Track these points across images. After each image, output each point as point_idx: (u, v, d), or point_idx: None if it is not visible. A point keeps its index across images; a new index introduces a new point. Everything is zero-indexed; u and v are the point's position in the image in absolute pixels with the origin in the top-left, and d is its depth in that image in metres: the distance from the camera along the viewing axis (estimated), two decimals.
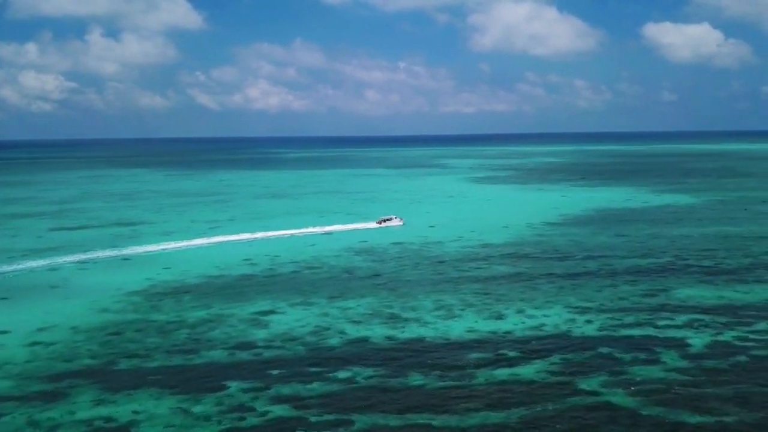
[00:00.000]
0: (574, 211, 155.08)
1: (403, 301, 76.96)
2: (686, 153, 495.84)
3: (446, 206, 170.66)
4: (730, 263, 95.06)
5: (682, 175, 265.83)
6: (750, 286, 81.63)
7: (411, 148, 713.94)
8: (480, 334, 64.58)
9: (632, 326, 66.06)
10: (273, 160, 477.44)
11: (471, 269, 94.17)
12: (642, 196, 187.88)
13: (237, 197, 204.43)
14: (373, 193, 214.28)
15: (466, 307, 74.05)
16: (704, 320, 67.56)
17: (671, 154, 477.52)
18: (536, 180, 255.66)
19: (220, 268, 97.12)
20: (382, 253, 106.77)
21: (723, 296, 76.97)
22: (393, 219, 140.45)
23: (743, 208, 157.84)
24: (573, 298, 77.31)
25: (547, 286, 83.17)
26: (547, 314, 70.78)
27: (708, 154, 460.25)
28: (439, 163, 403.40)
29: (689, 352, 58.08)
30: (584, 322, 67.90)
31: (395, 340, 63.04)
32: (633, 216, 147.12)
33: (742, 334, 63.01)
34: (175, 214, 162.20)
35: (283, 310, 74.25)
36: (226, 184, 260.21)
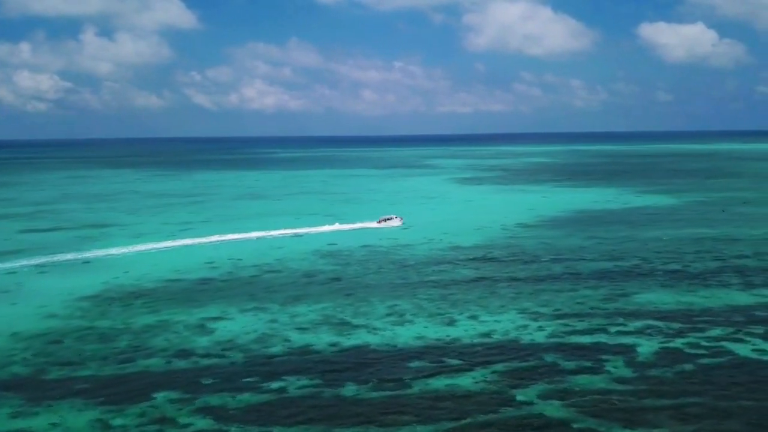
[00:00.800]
0: (552, 213, 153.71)
1: (357, 306, 75.43)
2: (677, 153, 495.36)
3: (424, 208, 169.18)
4: (696, 267, 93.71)
5: (668, 176, 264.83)
6: (712, 290, 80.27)
7: (405, 148, 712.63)
8: (427, 341, 63.07)
9: (583, 333, 64.63)
10: (263, 161, 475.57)
11: (434, 273, 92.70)
12: (623, 197, 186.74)
13: (216, 198, 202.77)
14: (354, 194, 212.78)
15: (419, 312, 72.56)
16: (658, 327, 66.15)
17: (662, 154, 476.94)
18: (521, 181, 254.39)
19: (180, 271, 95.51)
20: (348, 256, 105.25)
21: (682, 301, 75.59)
22: (393, 219, 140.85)
23: (721, 209, 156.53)
24: (530, 303, 75.86)
25: (506, 291, 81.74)
26: (499, 320, 69.33)
27: (698, 155, 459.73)
28: (428, 163, 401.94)
29: (635, 361, 56.63)
30: (536, 328, 66.45)
31: (338, 348, 61.51)
32: (610, 218, 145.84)
33: (693, 341, 61.60)
34: (149, 216, 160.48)
35: (233, 316, 72.69)
36: (209, 184, 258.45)
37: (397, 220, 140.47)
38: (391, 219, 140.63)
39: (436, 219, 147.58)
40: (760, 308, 72.18)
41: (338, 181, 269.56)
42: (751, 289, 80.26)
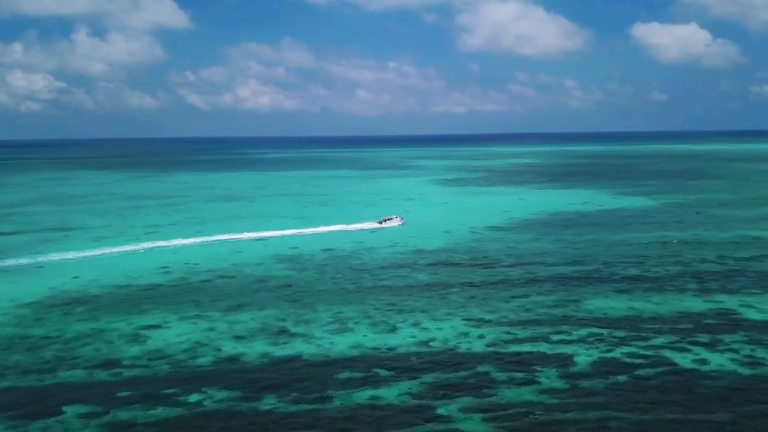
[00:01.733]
0: (525, 216, 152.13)
1: (300, 314, 73.66)
2: (666, 153, 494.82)
3: (399, 210, 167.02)
4: (656, 271, 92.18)
5: (651, 177, 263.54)
6: (666, 296, 78.71)
7: (397, 149, 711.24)
8: (362, 351, 61.35)
9: (524, 342, 63.00)
10: (249, 161, 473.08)
11: (390, 278, 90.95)
12: (600, 199, 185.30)
13: (191, 200, 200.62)
14: (331, 196, 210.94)
15: (362, 320, 70.83)
16: (602, 335, 64.56)
17: (650, 155, 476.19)
18: (502, 182, 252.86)
19: (132, 277, 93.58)
20: (307, 261, 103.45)
21: (633, 308, 73.99)
22: (393, 219, 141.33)
23: (696, 211, 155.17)
24: (478, 309, 74.23)
25: (457, 296, 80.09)
26: (442, 328, 67.67)
27: (686, 155, 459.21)
28: (415, 164, 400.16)
29: (569, 372, 54.99)
30: (477, 336, 64.80)
31: (268, 359, 59.72)
32: (582, 220, 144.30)
33: (634, 350, 59.99)
34: (117, 219, 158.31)
35: (171, 324, 70.85)
36: (188, 186, 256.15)
37: (397, 220, 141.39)
38: (391, 219, 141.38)
39: (406, 221, 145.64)
40: (710, 315, 70.65)
41: (319, 182, 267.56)
42: (705, 295, 78.74)
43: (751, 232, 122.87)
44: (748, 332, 64.34)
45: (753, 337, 62.74)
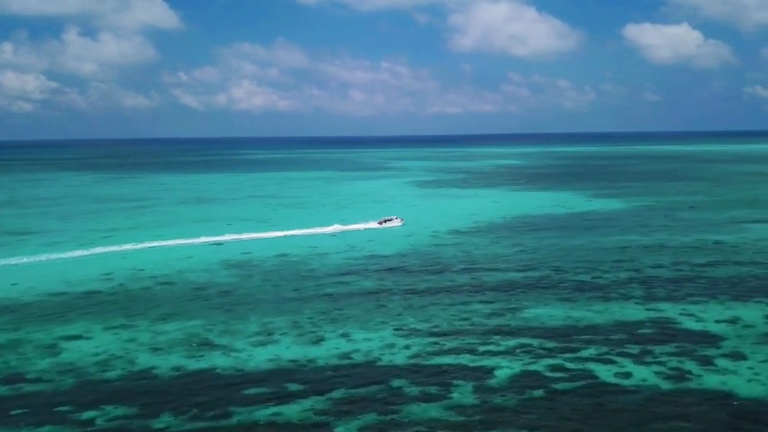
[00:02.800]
0: (491, 218, 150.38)
1: (229, 324, 71.58)
2: (653, 154, 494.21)
3: (366, 213, 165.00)
4: (606, 278, 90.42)
5: (631, 179, 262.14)
6: (608, 304, 76.90)
7: (387, 149, 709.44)
8: (279, 363, 59.32)
9: (449, 353, 61.08)
10: (234, 162, 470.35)
11: (334, 285, 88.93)
12: (572, 202, 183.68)
13: (160, 203, 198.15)
14: (304, 198, 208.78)
15: (291, 331, 68.79)
16: (531, 346, 62.70)
17: (637, 156, 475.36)
18: (479, 184, 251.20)
19: (71, 284, 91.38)
20: (255, 267, 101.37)
21: (572, 316, 72.17)
22: (394, 219, 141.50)
23: (664, 215, 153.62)
24: (413, 318, 72.31)
25: (396, 304, 78.16)
26: (369, 338, 65.70)
27: (672, 156, 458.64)
28: (398, 165, 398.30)
29: (485, 386, 53.11)
30: (402, 347, 62.87)
31: (180, 372, 57.65)
32: (546, 224, 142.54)
33: (559, 362, 58.12)
34: (78, 222, 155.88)
35: (93, 334, 68.69)
36: (164, 188, 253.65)
37: (398, 220, 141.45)
38: (391, 220, 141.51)
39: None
40: (648, 324, 68.88)
41: (297, 183, 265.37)
42: (648, 303, 76.97)
43: (713, 236, 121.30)
44: (681, 343, 62.59)
45: (684, 349, 60.96)
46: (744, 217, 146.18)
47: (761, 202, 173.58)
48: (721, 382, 53.27)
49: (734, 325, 67.95)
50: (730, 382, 53.09)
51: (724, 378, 53.98)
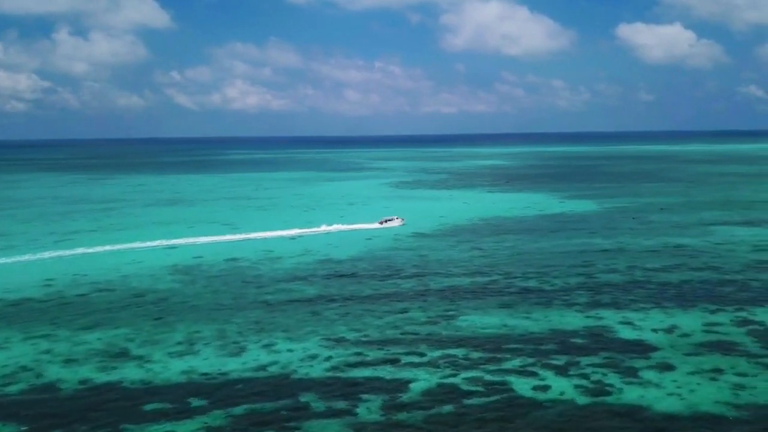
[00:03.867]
0: (457, 221, 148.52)
1: (154, 333, 69.50)
2: (639, 154, 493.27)
3: (334, 215, 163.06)
4: (555, 283, 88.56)
5: (610, 180, 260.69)
6: (549, 311, 75.02)
7: (376, 149, 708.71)
8: (191, 376, 57.23)
9: (370, 365, 59.10)
10: (219, 162, 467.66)
11: (276, 291, 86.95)
12: (544, 203, 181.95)
13: (130, 204, 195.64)
14: (276, 199, 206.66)
15: (215, 340, 66.71)
16: (456, 356, 60.78)
17: (623, 156, 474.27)
18: (456, 185, 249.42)
19: (6, 290, 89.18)
20: (201, 272, 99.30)
21: (507, 325, 70.25)
22: (394, 219, 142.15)
23: (632, 217, 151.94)
24: (345, 327, 70.33)
25: (332, 312, 76.15)
26: (293, 349, 63.70)
27: (658, 156, 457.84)
28: (381, 165, 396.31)
29: (396, 401, 51.13)
30: (323, 359, 60.84)
31: (87, 385, 55.57)
32: (511, 227, 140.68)
33: (479, 375, 56.19)
34: (41, 225, 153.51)
35: (11, 344, 66.54)
36: (139, 189, 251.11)
37: (398, 220, 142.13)
38: (392, 220, 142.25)
39: (341, 227, 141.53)
40: (582, 333, 67.02)
41: (274, 184, 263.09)
42: (589, 310, 75.13)
43: (676, 240, 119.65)
44: (611, 354, 60.71)
45: (612, 360, 59.09)
46: (712, 220, 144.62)
47: (733, 204, 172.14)
48: (640, 396, 51.39)
49: (670, 334, 66.13)
50: (649, 396, 51.23)
51: (645, 392, 52.10)
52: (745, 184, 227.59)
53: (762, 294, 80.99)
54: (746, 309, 74.46)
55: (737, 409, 48.75)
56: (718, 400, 50.19)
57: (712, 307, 75.62)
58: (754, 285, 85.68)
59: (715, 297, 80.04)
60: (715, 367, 56.92)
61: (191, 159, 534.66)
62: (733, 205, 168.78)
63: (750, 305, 75.95)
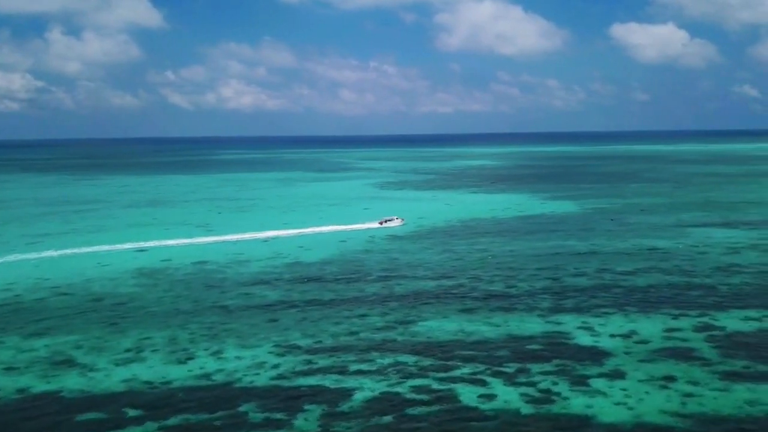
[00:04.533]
0: (435, 222, 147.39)
1: (105, 340, 68.14)
2: (629, 154, 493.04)
3: (311, 216, 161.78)
4: (520, 287, 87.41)
5: (595, 180, 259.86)
6: (509, 316, 73.86)
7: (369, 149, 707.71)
8: (132, 385, 55.90)
9: (317, 372, 57.88)
10: (208, 162, 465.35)
11: (237, 296, 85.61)
12: (525, 204, 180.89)
13: (109, 206, 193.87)
14: (257, 200, 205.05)
15: (165, 347, 65.39)
16: (407, 364, 59.58)
17: (614, 156, 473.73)
18: (442, 186, 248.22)
19: None
20: (166, 276, 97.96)
21: (465, 330, 69.08)
22: (394, 219, 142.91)
23: (611, 218, 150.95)
24: (299, 333, 69.07)
25: (289, 317, 74.91)
26: (242, 356, 62.40)
27: (647, 156, 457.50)
28: (370, 165, 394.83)
29: (336, 411, 49.97)
30: (271, 367, 59.61)
31: (23, 395, 54.22)
32: (488, 228, 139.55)
33: (427, 383, 54.99)
34: (15, 227, 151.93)
35: None
36: (123, 190, 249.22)
37: (398, 220, 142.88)
38: (391, 220, 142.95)
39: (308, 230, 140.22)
40: (539, 339, 65.86)
41: (258, 185, 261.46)
42: (551, 315, 74.02)
43: (650, 242, 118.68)
44: (564, 361, 59.59)
45: (564, 367, 57.97)
46: (691, 221, 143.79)
47: (714, 205, 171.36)
48: (586, 405, 50.26)
49: (628, 340, 65.04)
50: (596, 406, 50.10)
51: (591, 401, 50.98)
52: (730, 185, 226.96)
53: (727, 299, 79.96)
54: (709, 314, 73.44)
55: (682, 419, 47.69)
56: (665, 410, 49.08)
57: (676, 312, 74.55)
58: (721, 289, 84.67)
59: (680, 301, 79.01)
60: (667, 374, 55.81)
61: (181, 159, 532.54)
62: (714, 206, 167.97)
63: (714, 310, 74.94)
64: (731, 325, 69.35)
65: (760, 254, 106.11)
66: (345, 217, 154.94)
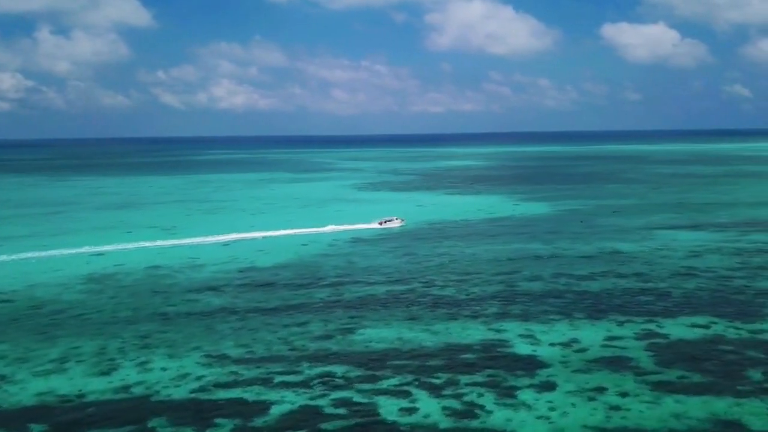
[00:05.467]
0: (403, 225, 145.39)
1: (31, 349, 66.12)
2: (614, 154, 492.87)
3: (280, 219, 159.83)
4: (472, 291, 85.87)
5: (574, 180, 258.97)
6: (452, 323, 72.22)
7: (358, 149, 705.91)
8: (45, 399, 53.92)
9: (240, 384, 56.03)
10: (190, 163, 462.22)
11: (179, 302, 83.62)
12: (499, 206, 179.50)
13: (78, 208, 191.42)
14: (228, 202, 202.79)
15: (91, 358, 63.40)
16: (335, 374, 57.82)
17: (597, 156, 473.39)
18: (420, 187, 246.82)
19: None
20: (114, 281, 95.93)
21: (403, 338, 67.43)
22: (394, 220, 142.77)
23: (580, 220, 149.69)
24: (233, 342, 67.22)
25: (227, 325, 73.09)
26: (168, 367, 60.50)
27: (630, 156, 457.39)
28: (351, 166, 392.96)
29: (248, 426, 48.18)
30: (194, 378, 57.70)
31: None
32: (455, 231, 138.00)
33: (350, 395, 53.22)
34: None
35: None
36: (96, 191, 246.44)
37: (398, 221, 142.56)
38: (391, 220, 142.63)
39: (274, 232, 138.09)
40: (476, 348, 64.18)
41: (234, 186, 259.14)
42: (495, 322, 72.42)
43: (614, 245, 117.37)
44: (496, 371, 57.95)
45: (494, 378, 56.33)
46: (660, 223, 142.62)
47: (686, 206, 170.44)
48: (507, 419, 48.64)
49: (567, 349, 63.47)
50: (516, 420, 48.49)
51: (514, 415, 49.36)
52: (707, 186, 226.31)
53: (678, 305, 78.54)
54: (656, 321, 71.98)
55: None
56: (587, 425, 47.51)
57: (622, 318, 73.08)
58: (674, 294, 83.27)
59: (629, 307, 77.54)
60: (598, 386, 54.23)
61: (166, 160, 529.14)
62: (686, 208, 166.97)
63: (662, 317, 73.49)
64: (676, 332, 67.86)
65: (721, 258, 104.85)
66: (314, 220, 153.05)
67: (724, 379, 55.09)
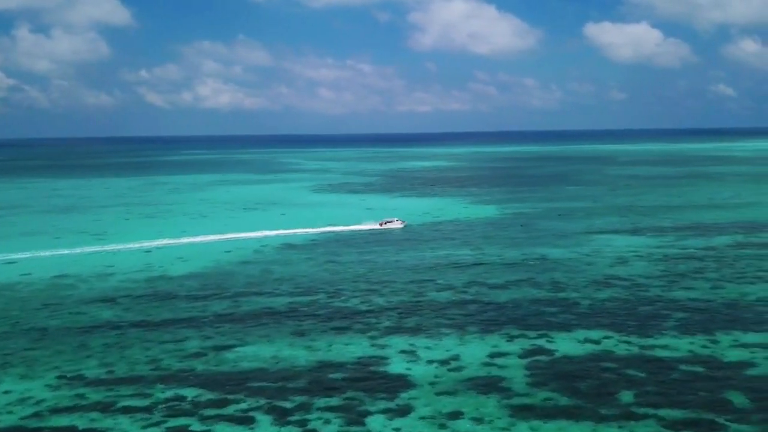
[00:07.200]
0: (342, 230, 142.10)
1: None
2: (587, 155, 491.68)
3: (219, 224, 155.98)
4: (376, 302, 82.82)
5: (534, 182, 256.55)
6: (340, 338, 69.07)
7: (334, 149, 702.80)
8: None
9: (81, 409, 52.62)
10: (156, 164, 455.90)
11: (67, 315, 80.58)
12: (447, 209, 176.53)
13: (20, 212, 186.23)
14: (175, 205, 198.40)
15: None
16: (186, 398, 54.53)
17: (570, 157, 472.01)
18: (379, 189, 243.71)
19: None
20: (15, 291, 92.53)
21: (278, 356, 64.28)
22: (394, 221, 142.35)
23: (521, 224, 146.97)
24: (96, 360, 64.01)
25: (101, 341, 69.71)
26: (13, 389, 57.20)
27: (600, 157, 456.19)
28: (320, 167, 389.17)
29: None
30: (35, 402, 54.31)
31: None
32: (389, 236, 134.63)
33: (191, 422, 49.86)
34: None
35: None
36: (48, 194, 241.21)
37: (398, 222, 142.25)
38: (392, 222, 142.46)
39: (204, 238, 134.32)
40: (350, 367, 61.04)
41: (189, 188, 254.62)
42: (383, 336, 69.38)
43: (545, 250, 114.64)
44: (358, 393, 54.80)
45: (353, 402, 53.23)
46: (600, 227, 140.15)
47: (634, 209, 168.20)
48: None
49: (443, 367, 60.39)
50: None
51: None
52: (664, 188, 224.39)
53: (580, 316, 75.79)
54: (550, 335, 69.13)
55: None
56: None
57: (516, 332, 70.15)
58: (581, 305, 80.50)
59: (529, 319, 74.66)
60: (456, 410, 51.20)
61: (135, 160, 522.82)
62: (634, 211, 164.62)
63: (557, 330, 70.66)
64: (564, 348, 64.96)
65: (646, 264, 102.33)
66: (252, 224, 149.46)
67: (591, 401, 52.15)
